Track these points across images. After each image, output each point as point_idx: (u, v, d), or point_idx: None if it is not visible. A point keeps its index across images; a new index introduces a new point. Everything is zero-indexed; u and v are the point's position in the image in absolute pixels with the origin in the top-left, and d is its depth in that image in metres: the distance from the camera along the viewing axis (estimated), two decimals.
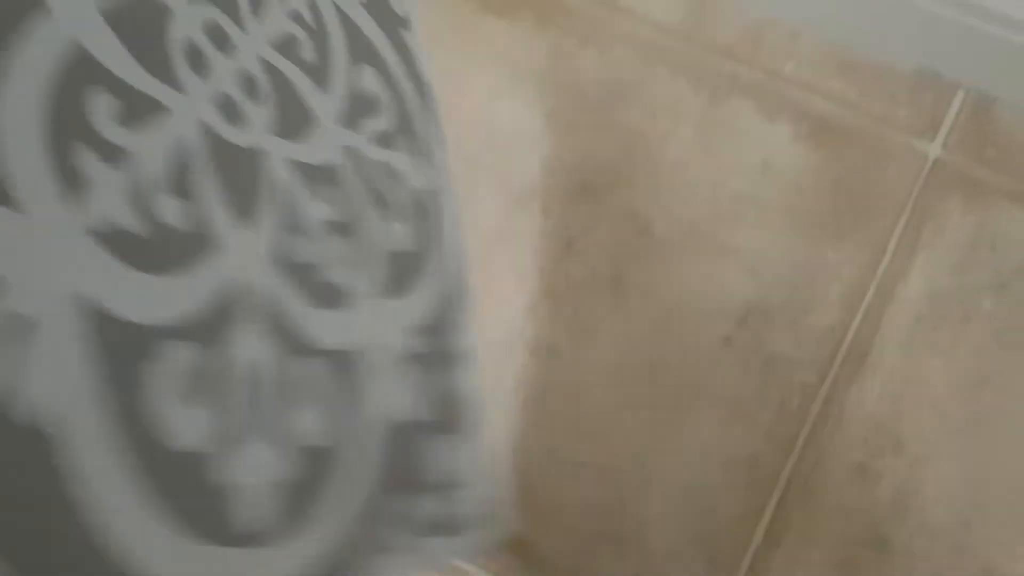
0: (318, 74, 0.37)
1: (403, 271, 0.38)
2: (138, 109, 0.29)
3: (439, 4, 0.63)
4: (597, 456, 0.53)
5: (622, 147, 0.57)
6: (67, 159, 0.27)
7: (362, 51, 0.41)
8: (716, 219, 0.54)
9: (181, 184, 0.30)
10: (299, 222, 0.34)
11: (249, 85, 0.34)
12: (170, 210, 0.29)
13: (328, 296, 0.34)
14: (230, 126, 0.32)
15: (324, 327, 0.34)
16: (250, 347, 0.31)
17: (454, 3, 0.63)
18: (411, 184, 0.41)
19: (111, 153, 0.28)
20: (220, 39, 0.33)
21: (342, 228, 0.36)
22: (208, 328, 0.30)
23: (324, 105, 0.37)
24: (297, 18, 0.37)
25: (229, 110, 0.33)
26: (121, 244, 0.28)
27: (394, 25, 0.43)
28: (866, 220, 0.54)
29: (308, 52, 0.37)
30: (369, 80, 0.40)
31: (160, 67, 0.31)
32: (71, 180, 0.27)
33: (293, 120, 0.35)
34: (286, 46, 0.36)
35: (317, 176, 0.35)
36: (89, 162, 0.27)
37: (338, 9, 0.40)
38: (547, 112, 0.58)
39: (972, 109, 0.59)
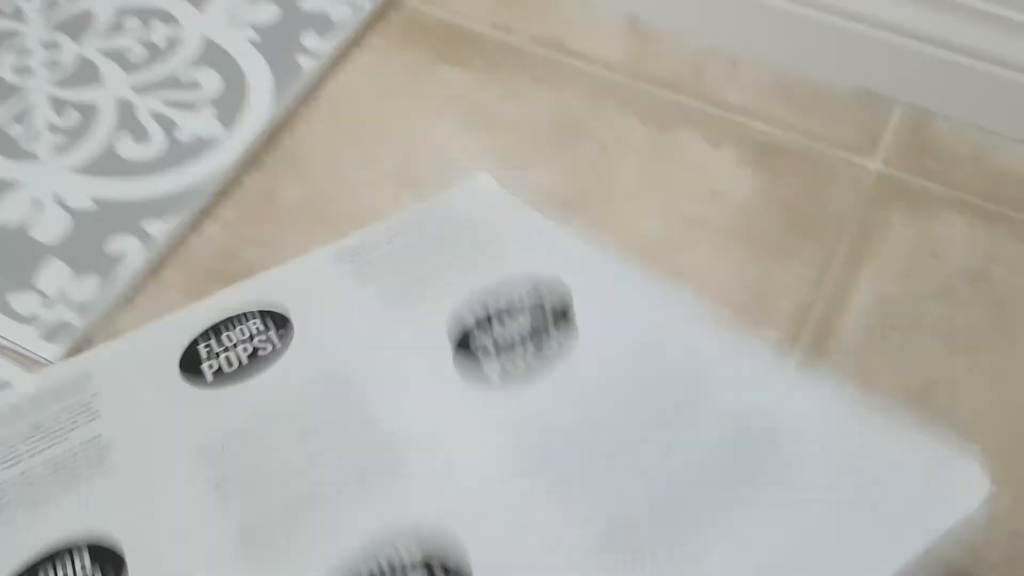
0: None
1: None
2: None
3: (396, 56, 0.66)
4: None
5: (575, 181, 0.59)
6: None
7: None
8: (667, 244, 0.56)
9: None
10: None
11: None
12: None
13: None
14: None
15: None
16: None
17: (410, 56, 0.66)
18: None
19: None
20: None
21: None
22: None
23: None
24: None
25: None
26: None
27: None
28: (812, 237, 0.56)
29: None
30: None
31: None
32: None
33: None
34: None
35: None
36: None
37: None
38: (500, 151, 0.60)
39: (910, 124, 0.61)
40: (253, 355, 0.49)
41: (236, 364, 0.48)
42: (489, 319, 0.48)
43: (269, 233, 0.57)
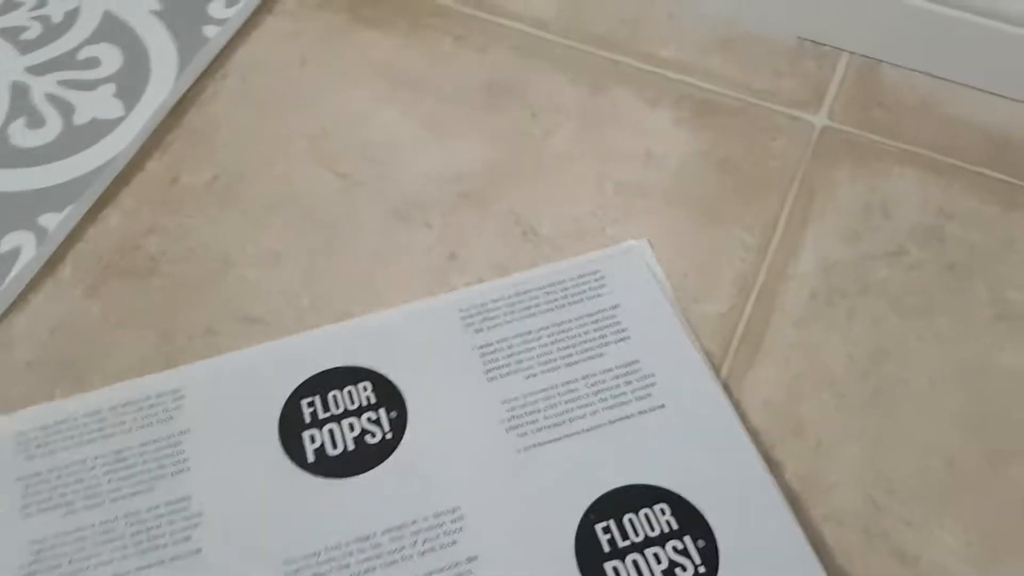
0: None
1: None
2: None
3: (311, 21, 0.61)
4: None
5: (504, 149, 0.55)
6: None
7: None
8: (602, 213, 0.52)
9: None
10: None
11: None
12: None
13: None
14: None
15: None
16: None
17: (326, 20, 0.61)
18: None
19: None
20: None
21: None
22: None
23: None
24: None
25: None
26: None
27: None
28: (755, 199, 0.53)
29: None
30: None
31: None
32: None
33: None
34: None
35: None
36: None
37: None
38: (425, 119, 0.56)
39: (856, 74, 0.58)
40: (360, 439, 0.44)
41: (341, 447, 0.44)
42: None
43: (175, 220, 0.53)
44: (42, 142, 0.56)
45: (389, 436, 0.44)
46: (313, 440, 0.45)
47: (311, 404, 0.46)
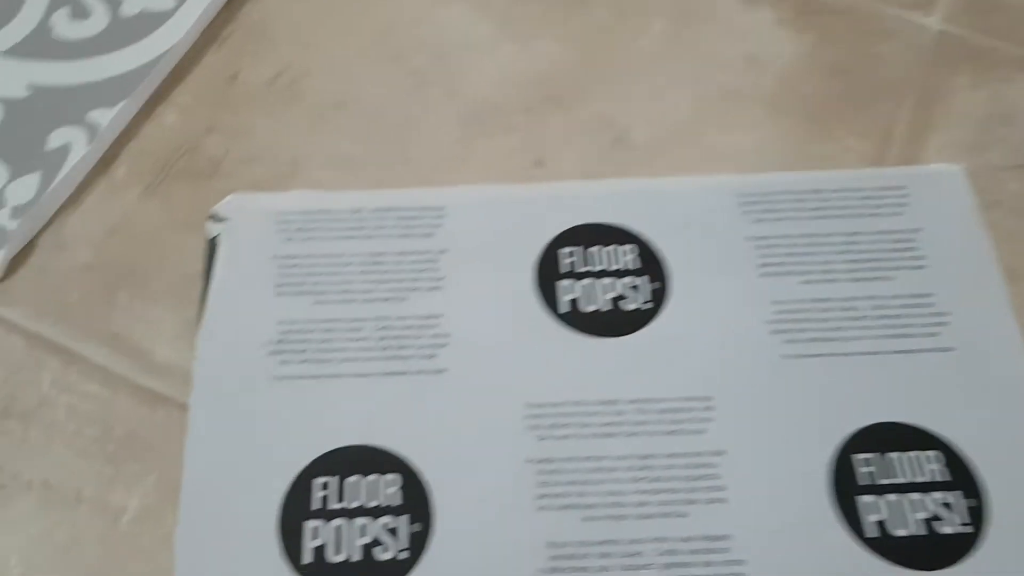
0: None
1: None
2: None
3: None
4: None
5: (589, 48, 0.51)
6: None
7: None
8: (701, 120, 0.49)
9: None
10: None
11: None
12: None
13: None
14: None
15: None
16: None
17: None
18: None
19: None
20: None
21: None
22: None
23: None
24: None
25: None
26: None
27: None
28: (867, 107, 0.49)
29: None
30: None
31: None
32: None
33: None
34: None
35: None
36: None
37: None
38: (499, 16, 0.52)
39: None
40: (617, 302, 0.42)
41: (596, 306, 0.42)
42: None
43: (236, 120, 0.49)
44: (88, 34, 0.52)
45: (648, 307, 0.42)
46: (568, 291, 0.43)
47: (571, 255, 0.44)
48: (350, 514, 0.38)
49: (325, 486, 0.39)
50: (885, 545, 0.37)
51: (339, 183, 0.47)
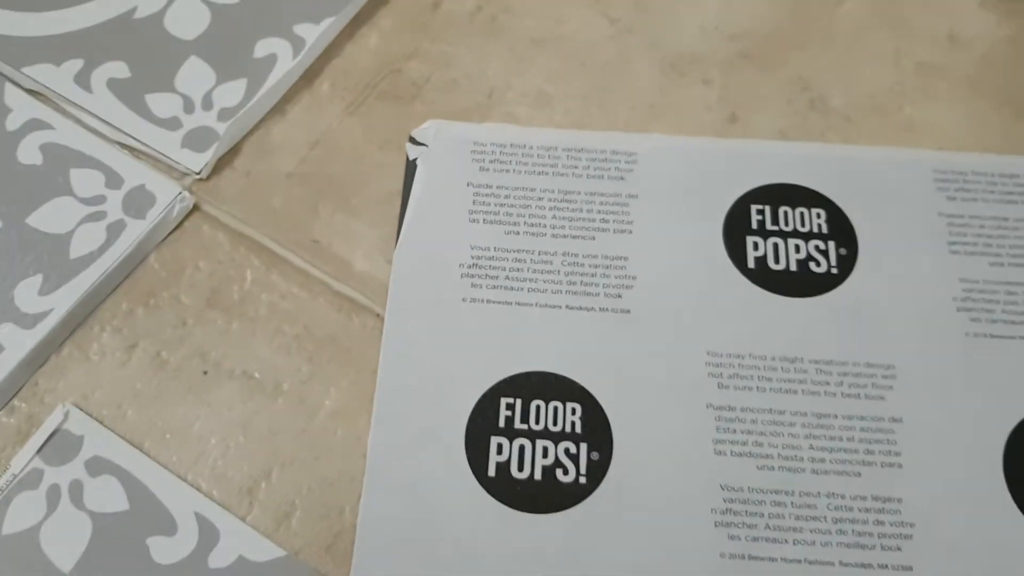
0: None
1: None
2: None
3: None
4: None
5: (791, 11, 0.54)
6: None
7: None
8: (899, 93, 0.51)
9: None
10: None
11: None
12: None
13: None
14: None
15: None
16: None
17: None
18: None
19: None
20: None
21: None
22: None
23: None
24: None
25: None
26: None
27: None
28: None
29: None
30: None
31: None
32: None
33: None
34: None
35: None
36: None
37: None
38: None
39: None
40: (805, 264, 0.46)
41: (783, 265, 0.46)
42: None
43: (437, 47, 0.53)
44: None
45: (835, 271, 0.45)
46: (756, 247, 0.46)
47: (760, 212, 0.47)
48: (533, 435, 0.42)
49: (510, 407, 0.42)
50: None
51: (533, 119, 0.50)
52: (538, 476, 0.41)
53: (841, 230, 0.46)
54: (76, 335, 0.45)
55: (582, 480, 0.41)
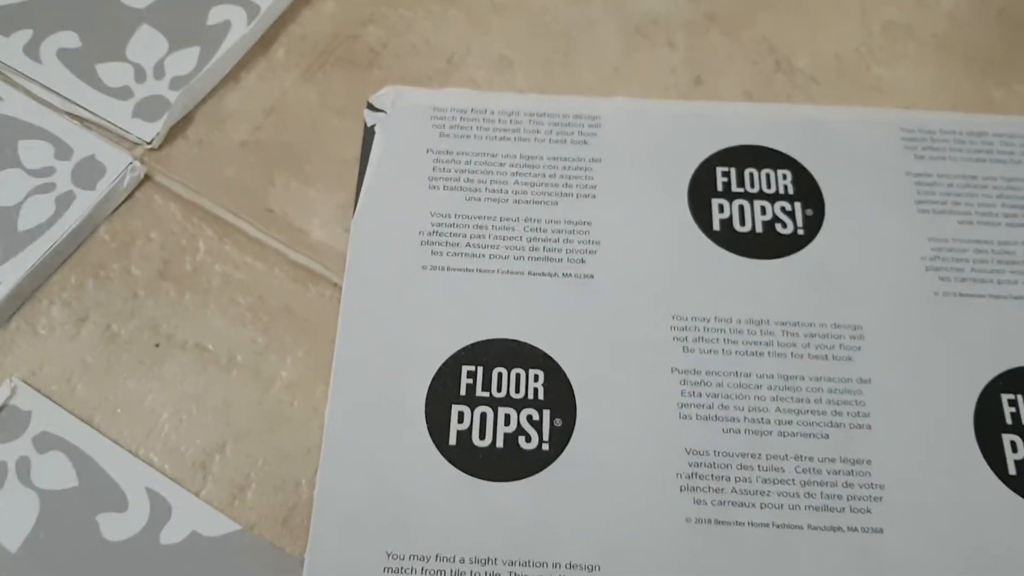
0: None
1: None
2: None
3: None
4: None
5: None
6: None
7: None
8: (866, 53, 0.50)
9: None
10: None
11: None
12: None
13: None
14: None
15: None
16: None
17: None
18: None
19: None
20: None
21: None
22: None
23: None
24: None
25: None
26: None
27: None
28: None
29: None
30: None
31: None
32: None
33: None
34: None
35: None
36: None
37: None
38: None
39: None
40: (771, 225, 0.45)
41: (749, 227, 0.45)
42: None
43: (395, 13, 0.52)
44: None
45: (801, 232, 0.45)
46: (722, 210, 0.45)
47: (726, 174, 0.46)
48: (495, 403, 0.41)
49: (471, 375, 0.42)
50: None
51: (494, 84, 0.49)
52: (500, 444, 0.40)
53: (808, 191, 0.46)
54: (24, 309, 0.44)
55: (545, 447, 0.40)
